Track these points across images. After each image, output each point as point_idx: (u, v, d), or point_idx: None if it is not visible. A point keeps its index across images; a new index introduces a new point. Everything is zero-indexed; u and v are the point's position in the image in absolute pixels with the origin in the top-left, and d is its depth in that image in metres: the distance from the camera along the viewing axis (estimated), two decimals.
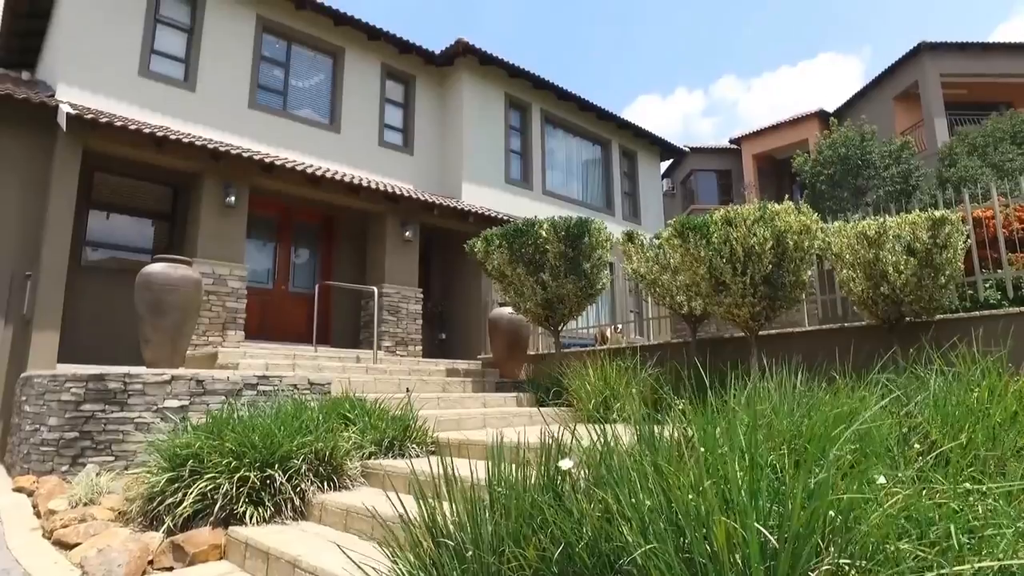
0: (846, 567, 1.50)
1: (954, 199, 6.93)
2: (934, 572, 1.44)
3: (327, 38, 11.85)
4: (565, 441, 2.30)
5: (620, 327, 10.96)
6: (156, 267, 6.47)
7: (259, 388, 5.69)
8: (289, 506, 3.70)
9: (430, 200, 11.16)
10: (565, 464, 2.13)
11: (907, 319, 5.58)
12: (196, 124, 9.89)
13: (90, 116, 7.74)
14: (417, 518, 2.19)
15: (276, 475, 3.71)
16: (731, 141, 25.93)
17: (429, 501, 2.19)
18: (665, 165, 22.84)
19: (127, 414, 5.08)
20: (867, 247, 5.49)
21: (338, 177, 10.14)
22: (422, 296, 11.09)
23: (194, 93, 10.03)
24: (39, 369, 6.83)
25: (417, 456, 4.54)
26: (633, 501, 1.73)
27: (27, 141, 8.21)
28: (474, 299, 11.78)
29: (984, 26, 55.46)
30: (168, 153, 8.59)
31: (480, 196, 13.01)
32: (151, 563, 3.36)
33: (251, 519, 3.54)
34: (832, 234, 5.82)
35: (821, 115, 22.58)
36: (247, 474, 3.65)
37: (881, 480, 1.81)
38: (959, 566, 1.46)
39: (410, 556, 2.14)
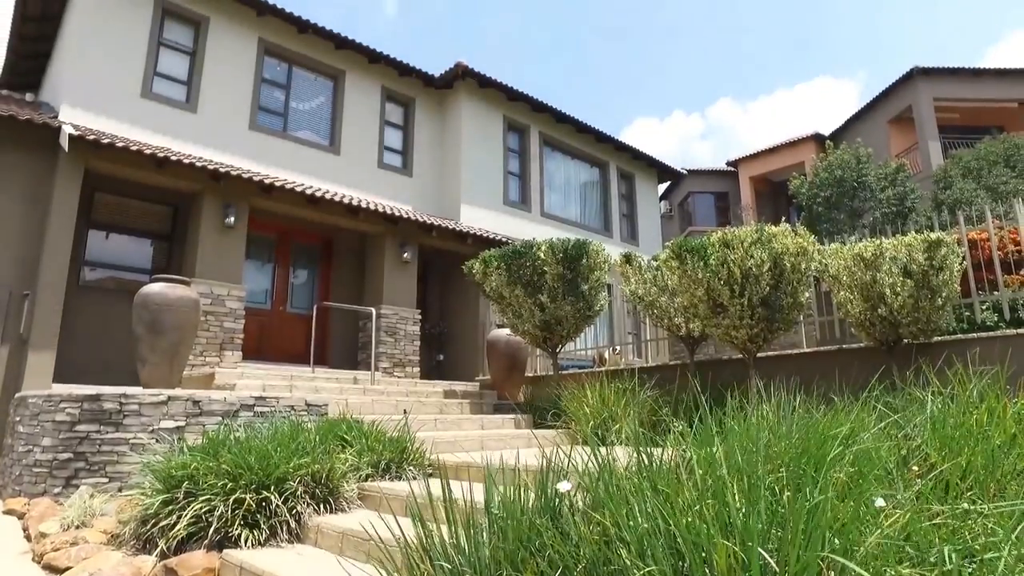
0: None
1: (949, 221, 6.98)
2: None
3: (328, 61, 11.99)
4: (563, 463, 2.29)
5: (618, 349, 10.94)
6: (154, 287, 6.47)
7: (256, 409, 5.66)
8: (285, 529, 3.66)
9: (429, 221, 11.21)
10: (563, 486, 2.12)
11: (905, 341, 5.58)
12: (197, 145, 9.97)
13: (92, 137, 7.80)
14: (414, 541, 2.17)
15: (272, 497, 3.67)
16: (728, 163, 26.13)
17: (426, 524, 2.18)
18: (663, 187, 22.97)
19: (122, 435, 5.04)
20: (864, 269, 5.52)
21: (337, 198, 10.19)
22: (420, 317, 11.09)
23: (195, 114, 10.12)
24: (34, 389, 6.79)
25: (414, 478, 4.50)
26: (631, 524, 1.72)
27: (29, 162, 8.26)
28: (472, 320, 11.77)
29: (977, 48, 56.42)
30: (168, 174, 8.65)
31: (479, 218, 13.07)
32: None
33: (246, 542, 3.49)
34: (829, 256, 5.85)
35: (817, 138, 22.80)
36: (243, 496, 3.62)
37: (880, 503, 1.80)
38: None
39: None
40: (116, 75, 9.41)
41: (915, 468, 2.41)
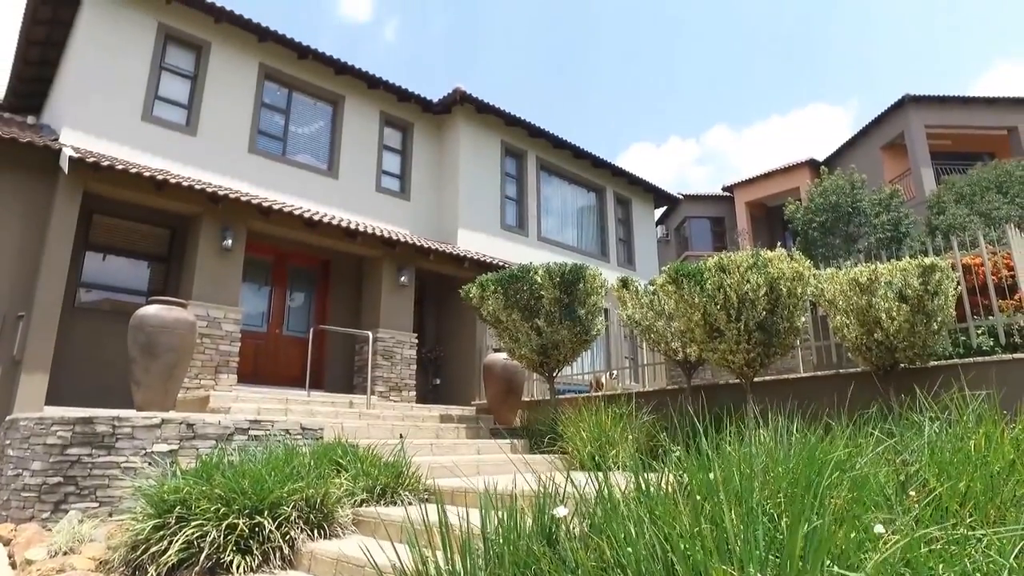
0: None
1: (943, 246, 7.03)
2: None
3: (328, 86, 12.12)
4: (559, 488, 2.27)
5: (615, 373, 10.91)
6: (150, 309, 6.45)
7: (251, 433, 5.61)
8: (278, 555, 3.61)
9: (426, 245, 11.25)
10: (559, 512, 2.10)
11: (902, 365, 5.58)
12: (196, 168, 10.02)
13: (92, 159, 7.85)
14: (410, 567, 2.14)
15: (265, 522, 3.63)
16: (724, 189, 26.34)
17: (422, 550, 2.15)
18: (659, 212, 23.14)
19: (114, 458, 4.98)
20: (860, 293, 5.54)
21: (335, 222, 10.23)
22: (416, 341, 11.06)
23: (195, 137, 10.19)
24: (26, 412, 6.73)
25: (410, 503, 4.45)
26: (630, 549, 1.70)
27: (28, 183, 8.29)
28: (468, 344, 11.74)
29: (970, 74, 57.28)
30: (167, 196, 8.68)
31: (476, 242, 13.12)
32: None
33: (238, 568, 3.44)
34: (825, 281, 5.87)
35: (811, 164, 23.03)
36: (235, 521, 3.57)
37: (879, 529, 1.79)
38: None
39: None
40: (117, 98, 9.50)
41: (913, 493, 2.39)
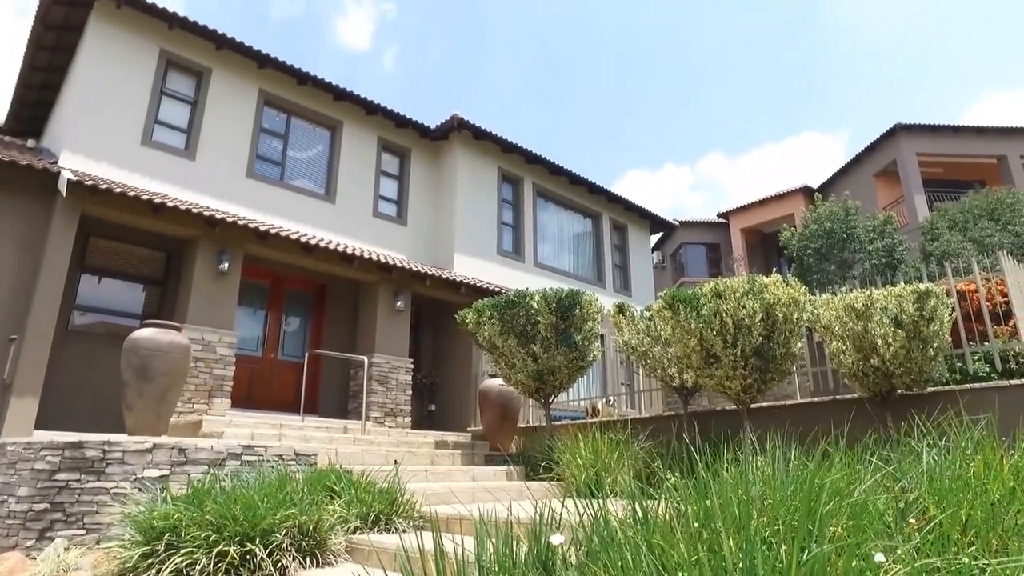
0: None
1: (937, 273, 7.07)
2: None
3: (326, 112, 12.24)
4: (555, 515, 2.25)
5: (611, 400, 10.85)
6: (144, 332, 6.41)
7: (243, 458, 5.54)
8: None
9: (422, 270, 11.26)
10: (556, 539, 2.07)
11: (899, 392, 5.57)
12: (194, 192, 10.06)
13: (90, 182, 7.87)
14: None
15: (257, 550, 3.57)
16: (719, 215, 26.52)
17: None
18: (655, 238, 23.25)
19: (104, 484, 4.90)
20: (855, 319, 5.55)
21: (332, 246, 10.25)
22: (412, 366, 11.00)
23: (194, 162, 10.25)
24: (15, 436, 6.64)
25: (404, 531, 4.38)
26: None
27: (26, 206, 8.30)
28: (464, 370, 11.68)
29: (959, 105, 58.11)
30: (165, 219, 8.69)
31: (472, 267, 13.14)
32: None
33: None
34: (820, 306, 5.89)
35: (806, 190, 23.25)
36: (226, 548, 3.51)
37: (880, 558, 1.77)
38: None
39: None
40: (118, 122, 9.56)
41: (913, 521, 2.37)
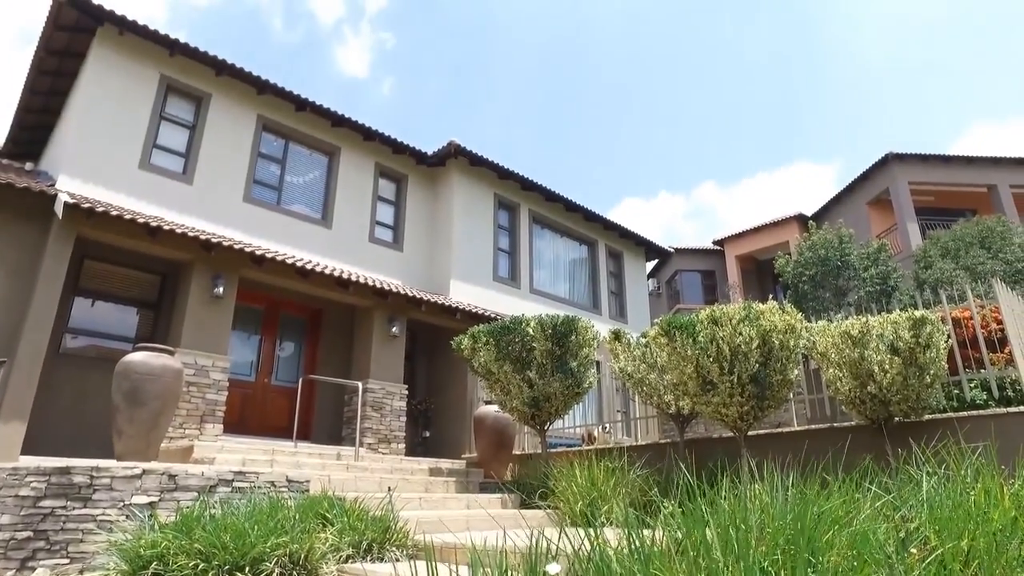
0: None
1: (932, 300, 7.09)
2: None
3: (324, 137, 12.34)
4: (551, 544, 2.21)
5: (607, 427, 10.76)
6: (137, 356, 6.36)
7: (235, 484, 5.46)
8: None
9: (418, 296, 11.24)
10: (552, 569, 2.03)
11: (896, 419, 5.55)
12: (191, 215, 10.07)
13: (87, 205, 7.87)
14: None
15: None
16: (714, 242, 26.67)
17: None
18: (651, 265, 23.32)
19: (90, 511, 4.81)
20: (852, 346, 5.54)
21: (328, 271, 10.24)
22: (407, 392, 10.91)
23: (191, 186, 10.28)
24: (0, 462, 6.53)
25: (398, 560, 4.30)
26: None
27: (21, 228, 8.29)
28: (459, 396, 11.60)
29: (949, 136, 58.94)
30: (161, 242, 8.68)
31: (468, 293, 13.13)
32: None
33: None
34: (817, 333, 5.89)
35: (800, 218, 23.45)
36: None
37: None
38: None
39: None
40: (116, 146, 9.61)
41: (914, 551, 2.33)
